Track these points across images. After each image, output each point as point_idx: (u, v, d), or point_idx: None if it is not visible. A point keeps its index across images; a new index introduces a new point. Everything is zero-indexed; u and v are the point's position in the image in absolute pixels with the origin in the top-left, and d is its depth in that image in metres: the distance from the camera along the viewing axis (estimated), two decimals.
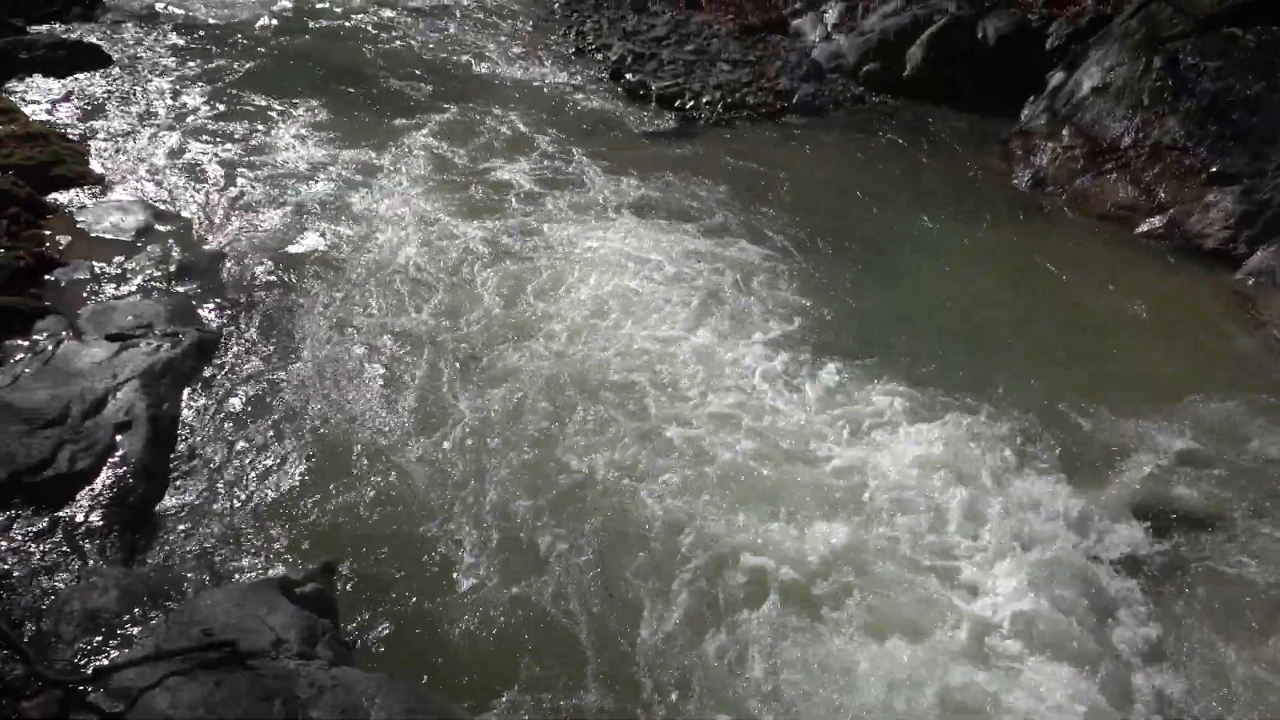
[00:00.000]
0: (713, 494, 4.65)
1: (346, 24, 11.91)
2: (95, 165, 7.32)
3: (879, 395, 5.48)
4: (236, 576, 3.97)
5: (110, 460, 4.37)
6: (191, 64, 9.73)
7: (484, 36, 11.94)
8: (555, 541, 4.31)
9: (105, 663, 3.21)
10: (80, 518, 4.08)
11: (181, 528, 4.23)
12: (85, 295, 5.73)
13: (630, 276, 6.47)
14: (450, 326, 5.78)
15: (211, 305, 5.79)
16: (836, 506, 4.64)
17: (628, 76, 10.77)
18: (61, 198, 6.77)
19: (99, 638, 3.38)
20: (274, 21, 11.61)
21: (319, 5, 12.52)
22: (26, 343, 5.10)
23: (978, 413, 5.40)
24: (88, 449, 4.39)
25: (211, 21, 11.32)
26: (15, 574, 3.74)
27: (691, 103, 10.14)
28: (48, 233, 6.29)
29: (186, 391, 5.02)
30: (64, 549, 3.90)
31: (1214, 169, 7.88)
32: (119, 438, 4.51)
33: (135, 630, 3.42)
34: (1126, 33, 9.36)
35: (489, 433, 4.93)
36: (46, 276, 5.84)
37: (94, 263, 6.06)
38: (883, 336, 6.14)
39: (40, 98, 8.46)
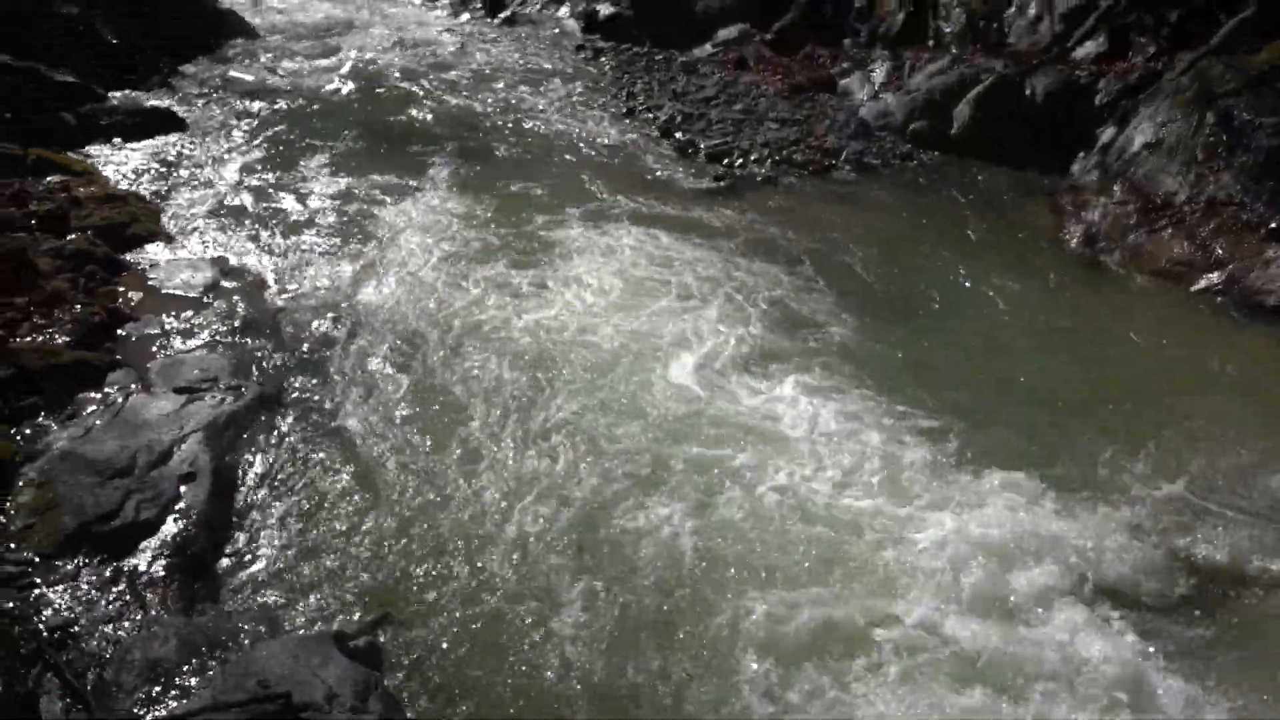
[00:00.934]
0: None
1: (408, 88, 12.32)
2: (168, 224, 7.63)
3: (957, 470, 5.28)
4: (291, 628, 4.02)
5: (174, 511, 4.49)
6: (259, 128, 10.14)
7: (540, 98, 12.25)
8: (623, 608, 4.26)
9: (164, 712, 3.27)
10: (143, 567, 4.18)
11: (239, 578, 4.30)
12: (155, 349, 5.93)
13: (687, 342, 6.50)
14: (508, 382, 5.83)
15: (274, 359, 5.94)
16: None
17: (677, 135, 10.95)
18: (136, 256, 7.05)
19: (158, 687, 3.44)
20: (339, 87, 12.07)
21: (381, 71, 12.99)
22: (99, 395, 5.28)
23: (1066, 489, 5.17)
24: (153, 500, 4.51)
25: (279, 88, 11.80)
26: (81, 622, 3.83)
27: (740, 160, 10.25)
28: (122, 289, 6.54)
29: (248, 444, 5.13)
30: (127, 598, 4.00)
31: (1272, 224, 7.71)
32: (183, 489, 4.63)
33: (193, 680, 3.48)
34: (1178, 89, 9.29)
35: (547, 492, 4.93)
36: (119, 331, 6.07)
37: (164, 318, 6.28)
38: (945, 399, 5.96)
39: (119, 160, 8.87)
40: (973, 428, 5.67)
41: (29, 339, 5.55)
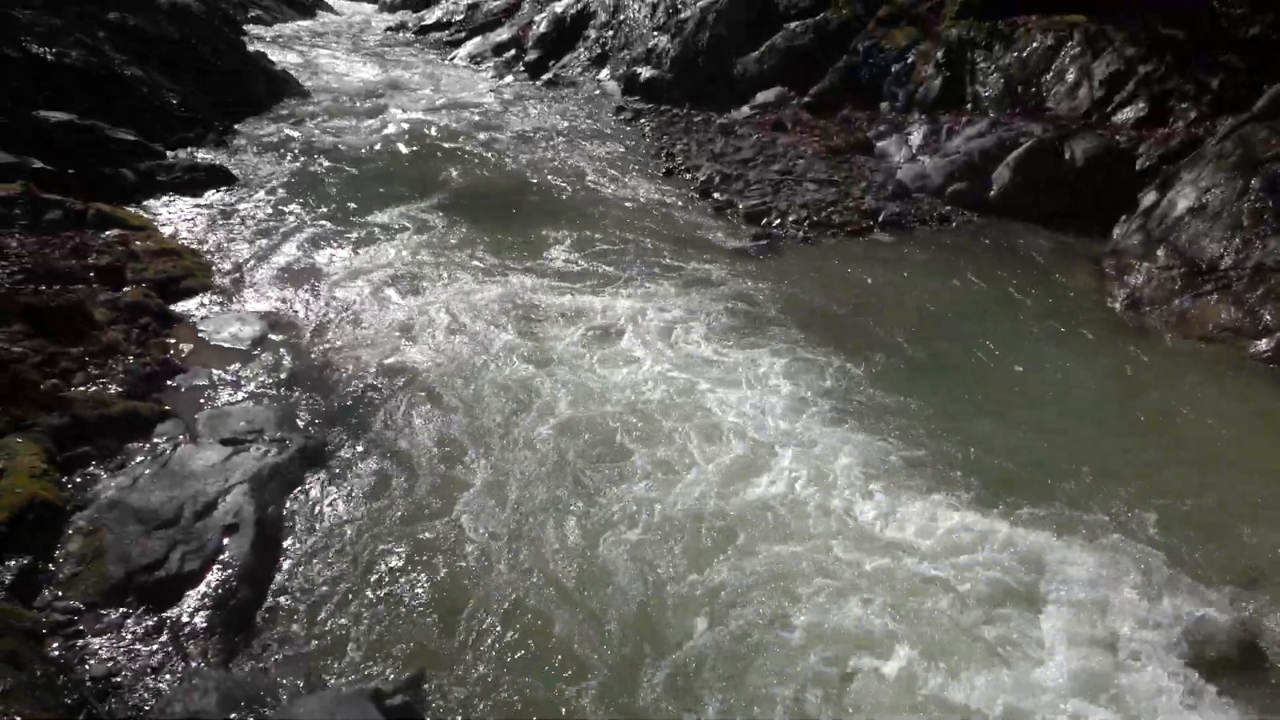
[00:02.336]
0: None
1: (451, 147, 12.63)
2: (219, 278, 7.81)
3: (1002, 539, 5.12)
4: (329, 684, 3.99)
5: (217, 562, 4.51)
6: (309, 185, 10.42)
7: (581, 158, 12.48)
8: (666, 678, 4.19)
9: None
10: (186, 618, 4.19)
11: (279, 632, 4.29)
12: (202, 400, 6.03)
13: (729, 404, 6.48)
14: (549, 444, 5.83)
15: (318, 413, 6.01)
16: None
17: (716, 195, 11.08)
18: (187, 308, 7.22)
19: None
20: (385, 146, 12.40)
21: (427, 130, 13.34)
22: (147, 445, 5.37)
23: (1137, 570, 5.01)
24: (197, 551, 4.54)
25: (329, 146, 12.15)
26: (124, 672, 3.85)
27: (778, 220, 10.33)
28: (172, 341, 6.68)
29: (291, 497, 5.17)
30: (169, 649, 4.00)
31: None
32: (226, 540, 4.66)
33: None
34: (1221, 154, 9.25)
35: (591, 556, 4.89)
36: (169, 382, 6.18)
37: (212, 369, 6.40)
38: (993, 466, 5.85)
39: (174, 215, 9.14)
40: (1030, 501, 5.54)
41: (83, 388, 5.67)
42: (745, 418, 6.17)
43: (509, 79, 17.91)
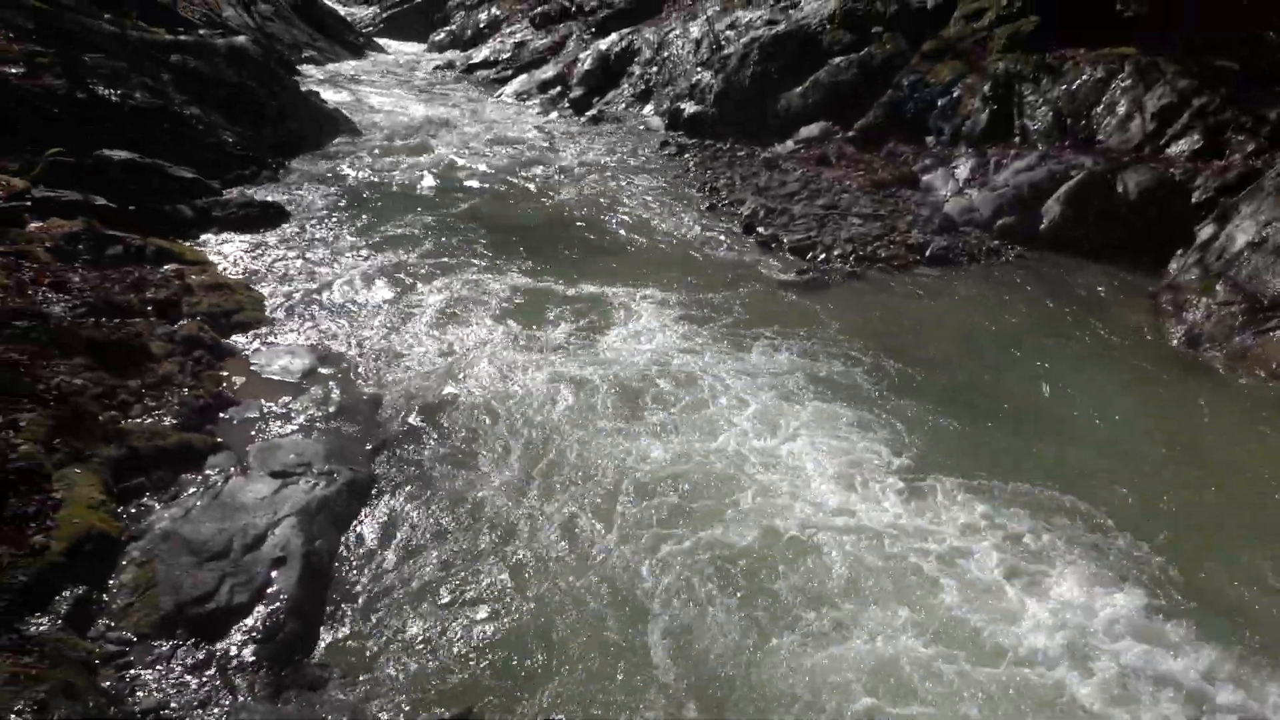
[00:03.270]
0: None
1: (498, 183, 12.81)
2: (270, 312, 7.96)
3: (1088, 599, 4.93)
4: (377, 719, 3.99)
5: (265, 595, 4.54)
6: (359, 220, 10.61)
7: (624, 194, 12.57)
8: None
9: None
10: (234, 651, 4.22)
11: (325, 666, 4.30)
12: (253, 433, 6.11)
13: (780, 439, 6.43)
14: (593, 482, 5.82)
15: (365, 446, 6.06)
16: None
17: (760, 229, 11.06)
18: (240, 341, 7.35)
19: None
20: (433, 182, 12.62)
21: (473, 166, 13.56)
22: (200, 476, 5.45)
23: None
24: (246, 583, 4.58)
25: (378, 182, 12.40)
26: (173, 704, 3.87)
27: (823, 255, 10.28)
28: (225, 373, 6.80)
29: (338, 530, 5.20)
30: (218, 682, 4.03)
31: None
32: (274, 573, 4.69)
33: None
34: None
35: (642, 600, 4.83)
36: (221, 414, 6.28)
37: (263, 402, 6.49)
38: (1054, 506, 5.70)
39: (229, 250, 9.36)
40: (1097, 549, 5.36)
41: (140, 420, 5.79)
42: (799, 460, 6.11)
43: (554, 115, 18.16)
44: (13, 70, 10.99)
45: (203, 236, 9.65)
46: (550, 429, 6.32)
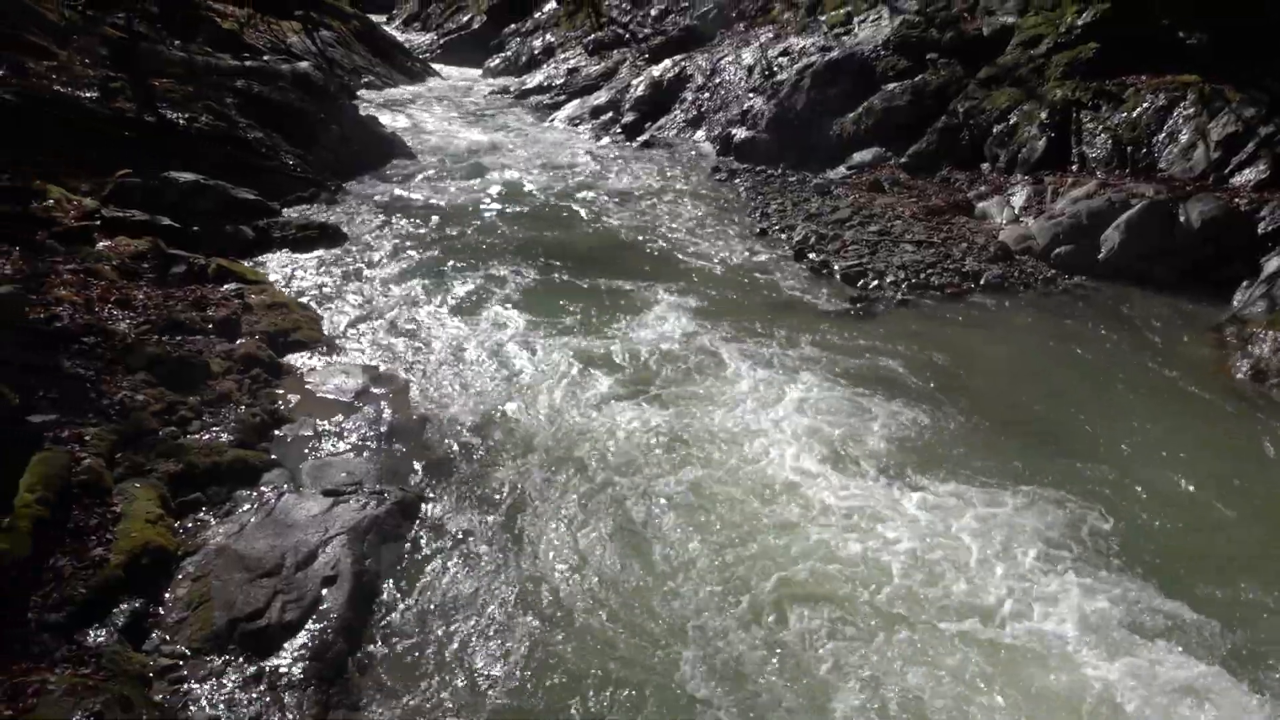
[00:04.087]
0: None
1: (549, 206, 12.94)
2: (326, 331, 8.10)
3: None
4: None
5: (315, 613, 4.58)
6: (413, 243, 10.78)
7: (675, 218, 12.60)
8: None
9: None
10: (284, 668, 4.25)
11: (372, 687, 4.31)
12: (306, 451, 6.20)
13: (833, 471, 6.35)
14: (643, 510, 5.79)
15: (416, 467, 6.11)
16: None
17: (811, 256, 10.99)
18: (295, 360, 7.48)
19: None
20: (487, 205, 12.79)
21: (526, 190, 13.72)
22: (254, 493, 5.53)
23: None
24: (297, 601, 4.62)
25: (433, 206, 12.60)
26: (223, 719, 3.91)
27: (875, 282, 10.17)
28: (280, 391, 6.92)
29: (388, 550, 5.23)
30: (267, 699, 4.06)
31: None
32: (324, 591, 4.73)
33: None
34: None
35: (694, 631, 4.77)
36: (276, 432, 6.39)
37: (317, 420, 6.59)
38: (1115, 551, 5.51)
39: (287, 270, 9.56)
40: (1182, 608, 5.11)
41: (198, 436, 5.91)
42: (860, 495, 6.03)
43: (605, 140, 18.30)
44: (88, 95, 11.42)
45: (262, 256, 9.88)
46: (601, 461, 6.27)
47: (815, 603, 4.92)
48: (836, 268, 10.57)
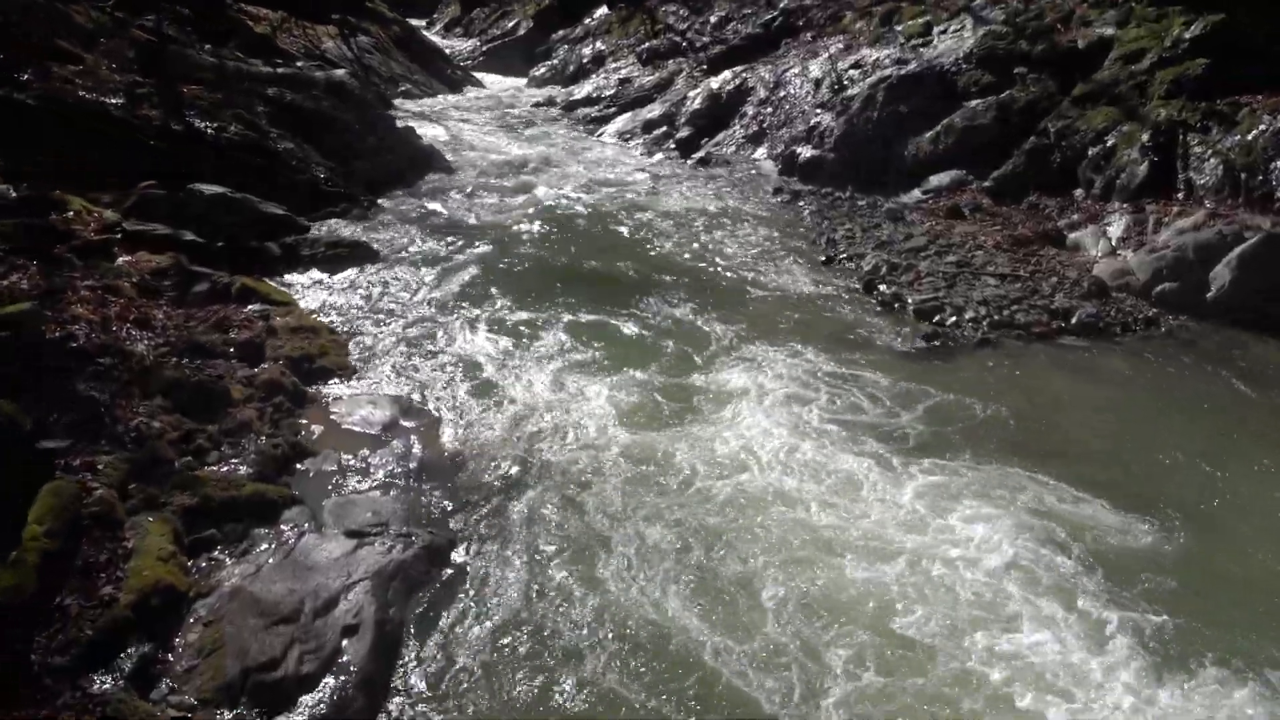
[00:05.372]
0: None
1: (596, 228, 13.04)
2: (354, 358, 8.22)
3: None
4: None
5: (335, 665, 4.61)
6: (450, 263, 10.94)
7: (733, 243, 12.62)
8: None
9: None
10: None
11: None
12: (329, 487, 6.28)
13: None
14: (691, 556, 5.76)
15: (446, 508, 6.15)
16: None
17: (881, 288, 10.91)
18: (321, 388, 7.61)
19: None
20: (529, 225, 12.93)
21: (572, 210, 13.86)
22: (273, 531, 5.61)
23: None
24: (315, 651, 4.66)
25: (472, 224, 12.79)
26: None
27: (953, 318, 10.06)
28: (304, 421, 7.04)
29: (414, 598, 5.26)
30: None
31: None
32: (345, 641, 4.77)
33: None
34: None
35: (728, 679, 4.76)
36: (297, 465, 6.49)
37: (341, 454, 6.68)
38: (1240, 628, 5.36)
39: (315, 290, 9.76)
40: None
41: (215, 467, 6.02)
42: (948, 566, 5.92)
43: (658, 156, 18.45)
44: (113, 101, 11.83)
45: (289, 275, 10.09)
46: (640, 504, 6.26)
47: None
48: (910, 301, 10.48)
